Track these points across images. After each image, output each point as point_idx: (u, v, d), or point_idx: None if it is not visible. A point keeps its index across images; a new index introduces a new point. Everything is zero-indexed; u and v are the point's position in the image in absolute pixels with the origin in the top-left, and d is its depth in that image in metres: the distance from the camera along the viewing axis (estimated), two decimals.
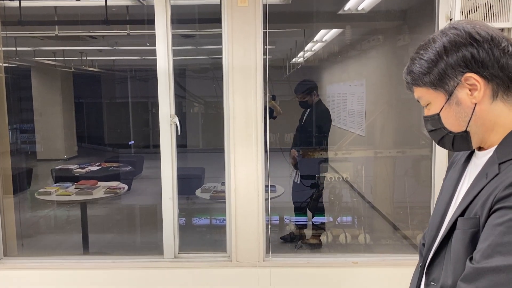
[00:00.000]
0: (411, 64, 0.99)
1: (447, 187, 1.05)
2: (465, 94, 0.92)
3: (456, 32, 0.93)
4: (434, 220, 1.04)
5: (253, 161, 2.44)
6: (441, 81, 0.93)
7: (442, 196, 1.06)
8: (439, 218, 1.02)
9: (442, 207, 1.03)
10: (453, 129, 0.96)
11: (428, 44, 0.96)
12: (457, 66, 0.91)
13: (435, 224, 1.03)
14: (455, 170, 1.07)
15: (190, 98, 7.03)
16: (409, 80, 1.00)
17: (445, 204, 1.02)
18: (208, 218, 4.67)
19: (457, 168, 1.06)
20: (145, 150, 8.31)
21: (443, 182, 1.13)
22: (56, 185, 3.82)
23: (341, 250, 3.61)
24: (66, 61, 7.04)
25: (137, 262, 2.58)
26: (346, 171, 4.05)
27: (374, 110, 4.43)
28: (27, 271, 2.56)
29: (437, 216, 1.03)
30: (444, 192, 1.06)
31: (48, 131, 7.68)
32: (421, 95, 0.99)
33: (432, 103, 0.97)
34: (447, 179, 1.10)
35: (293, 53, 5.78)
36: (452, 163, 1.13)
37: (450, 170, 1.11)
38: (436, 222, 1.03)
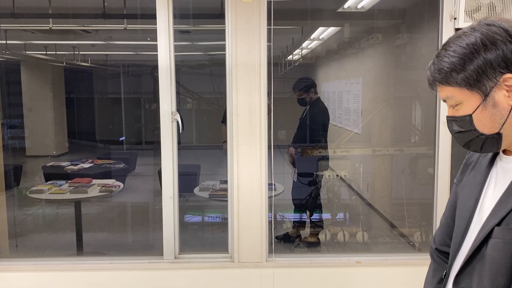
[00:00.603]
0: (439, 61, 0.92)
1: (469, 192, 1.00)
2: (502, 95, 0.87)
3: (493, 29, 0.87)
4: (459, 226, 0.99)
5: (256, 159, 2.40)
6: (477, 81, 0.87)
7: (465, 201, 1.00)
8: (464, 224, 0.97)
9: (467, 213, 0.97)
10: (485, 131, 0.90)
11: (460, 40, 0.89)
12: (497, 66, 0.85)
13: (460, 231, 0.98)
14: (476, 174, 1.01)
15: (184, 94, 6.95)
16: (437, 78, 0.92)
17: (469, 210, 0.97)
18: (207, 216, 4.62)
19: (479, 171, 1.00)
20: (137, 147, 8.21)
21: (457, 184, 1.08)
22: (49, 183, 3.72)
23: (339, 249, 3.59)
24: (57, 55, 6.90)
25: (136, 263, 2.51)
26: (343, 169, 4.04)
27: (371, 108, 4.43)
28: (20, 273, 2.48)
29: (462, 222, 0.98)
30: (467, 197, 1.00)
31: (37, 126, 7.53)
32: (452, 94, 0.92)
33: (463, 104, 0.91)
34: (466, 183, 1.04)
35: (289, 50, 5.74)
36: (467, 165, 1.07)
37: (466, 173, 1.06)
38: (461, 229, 0.98)
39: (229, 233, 2.52)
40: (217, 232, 4.14)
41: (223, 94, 2.48)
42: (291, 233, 3.75)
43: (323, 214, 3.97)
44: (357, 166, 4.01)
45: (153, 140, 7.33)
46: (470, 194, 0.99)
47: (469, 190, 1.01)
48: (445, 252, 1.10)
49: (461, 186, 1.05)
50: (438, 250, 1.12)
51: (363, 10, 3.93)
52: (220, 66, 2.55)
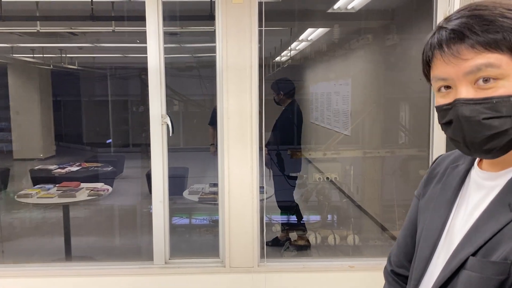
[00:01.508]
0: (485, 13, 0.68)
1: (435, 210, 0.84)
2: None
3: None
4: (423, 250, 0.84)
5: (247, 162, 2.38)
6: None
7: (430, 221, 0.84)
8: (430, 248, 0.82)
9: (432, 235, 0.82)
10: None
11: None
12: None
13: (423, 255, 0.83)
14: (444, 189, 0.85)
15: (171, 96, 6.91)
16: (482, 35, 0.67)
17: (436, 232, 0.82)
18: (194, 218, 4.59)
19: (447, 186, 0.84)
20: (125, 149, 8.13)
21: (419, 199, 0.93)
22: (37, 187, 3.66)
23: (329, 252, 3.59)
24: (44, 58, 6.80)
25: (126, 269, 2.48)
26: (333, 172, 4.05)
27: (361, 110, 4.44)
28: (7, 279, 2.43)
29: (426, 245, 0.83)
30: (433, 215, 0.84)
31: (25, 130, 7.43)
32: (498, 63, 0.67)
33: (508, 79, 0.67)
34: (430, 198, 0.88)
35: (277, 51, 5.74)
36: (431, 176, 0.91)
37: (431, 186, 0.90)
38: (425, 253, 0.83)
39: (220, 238, 2.49)
40: (205, 235, 4.11)
41: (211, 96, 2.45)
42: (280, 237, 3.74)
43: (313, 217, 3.96)
44: (348, 169, 4.02)
45: (140, 142, 7.27)
46: (436, 212, 0.84)
47: (435, 207, 0.85)
48: (401, 275, 0.96)
49: (425, 201, 0.90)
50: (394, 273, 0.98)
51: (353, 11, 3.94)
52: (208, 68, 2.53)
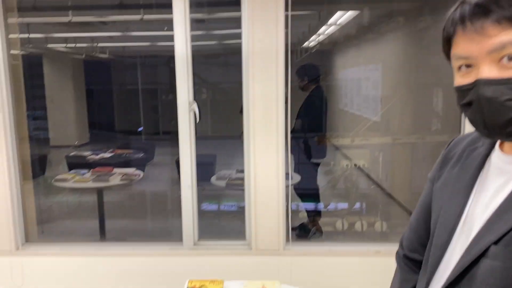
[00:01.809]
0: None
1: (453, 194, 0.81)
2: None
3: None
4: (440, 236, 0.81)
5: (273, 148, 2.40)
6: None
7: (448, 206, 0.81)
8: (447, 234, 0.79)
9: (450, 221, 0.79)
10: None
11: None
12: None
13: (440, 242, 0.80)
14: (462, 172, 0.82)
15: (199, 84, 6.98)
16: (506, 14, 0.64)
17: (453, 217, 0.79)
18: (223, 204, 4.67)
19: (465, 169, 0.81)
20: (155, 137, 8.32)
21: (433, 182, 0.89)
22: (73, 172, 3.82)
23: (357, 238, 3.58)
24: (77, 48, 7.01)
25: (156, 250, 2.57)
26: (362, 159, 4.01)
27: (391, 96, 4.35)
28: (48, 257, 2.57)
29: (444, 231, 0.80)
30: (450, 200, 0.81)
31: (60, 117, 7.70)
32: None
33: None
34: (447, 182, 0.85)
35: (306, 37, 5.67)
36: (447, 158, 0.88)
37: (446, 168, 0.87)
38: (442, 239, 0.80)
39: (246, 221, 2.54)
40: (233, 221, 4.18)
41: (238, 84, 2.47)
42: (306, 223, 3.76)
43: (340, 204, 3.95)
44: (376, 155, 3.97)
45: (169, 130, 7.41)
46: (454, 197, 0.81)
47: (452, 192, 0.82)
48: (414, 259, 0.94)
49: (440, 184, 0.87)
50: (407, 257, 0.96)
51: None
52: (235, 55, 2.55)
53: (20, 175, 2.61)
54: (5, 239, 2.53)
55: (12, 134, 2.52)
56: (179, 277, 1.96)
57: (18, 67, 2.64)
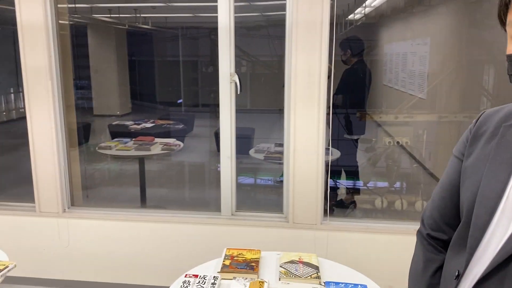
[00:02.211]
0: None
1: (491, 172, 0.77)
2: None
3: None
4: (479, 217, 0.78)
5: (314, 123, 2.36)
6: None
7: (487, 185, 0.77)
8: (487, 215, 0.76)
9: (490, 201, 0.76)
10: None
11: None
12: None
13: (480, 222, 0.77)
14: (500, 149, 0.78)
15: (239, 56, 6.94)
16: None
17: (494, 197, 0.75)
18: (259, 178, 4.70)
19: (504, 146, 0.78)
20: (195, 109, 8.42)
21: (463, 160, 0.85)
22: (116, 140, 3.95)
23: (396, 216, 3.52)
24: (120, 18, 7.11)
25: (196, 218, 2.64)
26: (405, 136, 3.89)
27: (439, 72, 4.15)
28: (92, 221, 2.71)
29: (483, 211, 0.77)
30: (489, 178, 0.77)
31: (103, 88, 7.92)
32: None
33: None
34: (480, 158, 0.81)
35: (351, 8, 5.46)
36: (478, 134, 0.85)
37: (478, 146, 0.83)
38: (482, 220, 0.77)
39: (284, 195, 2.54)
40: (269, 195, 4.21)
41: (279, 57, 2.43)
42: (345, 199, 3.73)
43: (380, 182, 3.88)
44: (420, 133, 3.84)
45: (209, 103, 7.46)
46: (493, 176, 0.77)
47: (490, 170, 0.78)
48: (438, 239, 0.93)
49: (472, 161, 0.83)
50: (430, 236, 0.94)
51: None
52: (277, 27, 2.49)
53: (67, 142, 2.73)
54: (53, 202, 2.67)
55: (60, 102, 2.62)
56: (217, 245, 2.01)
57: (66, 37, 2.71)
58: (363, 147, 3.86)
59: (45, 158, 2.62)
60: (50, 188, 2.65)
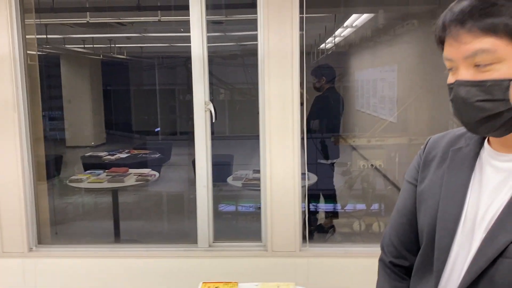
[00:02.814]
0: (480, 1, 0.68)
1: (448, 196, 0.79)
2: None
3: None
4: (442, 240, 0.79)
5: (289, 148, 2.38)
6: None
7: (444, 208, 0.79)
8: (450, 237, 0.78)
9: (451, 223, 0.78)
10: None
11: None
12: None
13: (444, 245, 0.78)
14: (452, 173, 0.81)
15: (216, 84, 7.00)
16: (478, 20, 0.67)
17: (454, 219, 0.77)
18: (240, 205, 4.66)
19: (456, 169, 0.80)
20: (172, 137, 8.37)
21: (417, 185, 0.88)
22: (88, 172, 3.86)
23: (374, 239, 3.53)
24: (95, 48, 7.10)
25: (171, 251, 2.57)
26: (378, 159, 3.96)
27: (407, 96, 4.29)
28: (61, 259, 2.58)
29: (446, 234, 0.78)
30: (446, 201, 0.80)
31: (76, 118, 7.80)
32: (494, 48, 0.67)
33: (504, 63, 0.68)
34: (434, 183, 0.83)
35: (322, 38, 5.64)
36: (428, 160, 0.87)
37: (430, 170, 0.85)
38: (445, 243, 0.78)
39: (262, 222, 2.52)
40: (250, 222, 4.17)
41: (256, 85, 2.46)
42: (324, 224, 3.73)
43: (357, 204, 3.91)
44: (393, 156, 3.92)
45: (187, 130, 7.44)
46: (450, 199, 0.79)
47: (446, 193, 0.80)
48: (401, 266, 0.92)
49: (425, 187, 0.85)
50: (393, 264, 0.93)
51: None
52: (252, 56, 2.54)
53: (34, 175, 2.63)
54: (17, 240, 2.54)
55: (27, 134, 2.55)
56: (193, 279, 1.96)
57: (35, 67, 2.67)
58: (339, 170, 3.90)
59: (9, 193, 2.50)
60: (14, 225, 2.52)
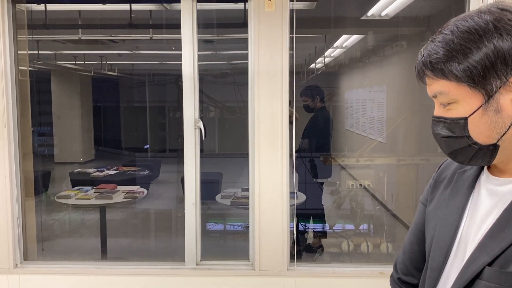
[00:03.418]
0: (435, 46, 0.73)
1: (446, 216, 0.83)
2: (509, 100, 0.70)
3: (508, 15, 0.69)
4: (435, 259, 0.83)
5: (278, 167, 2.39)
6: (483, 77, 0.69)
7: (441, 228, 0.83)
8: (442, 256, 0.81)
9: (445, 243, 0.81)
10: (480, 140, 0.73)
11: (465, 22, 0.71)
12: (510, 61, 0.68)
13: (436, 264, 0.82)
14: (454, 194, 0.84)
15: (207, 102, 7.04)
16: (430, 67, 0.74)
17: (448, 239, 0.80)
18: (228, 224, 4.63)
19: (457, 191, 0.84)
20: (162, 154, 8.34)
21: (426, 205, 0.91)
22: (76, 189, 3.82)
23: (362, 260, 3.53)
24: (86, 65, 7.11)
25: (158, 269, 2.54)
26: (367, 179, 3.98)
27: (396, 117, 4.36)
28: (47, 276, 2.54)
29: (439, 254, 0.82)
30: (443, 222, 0.83)
31: (66, 134, 7.75)
32: (446, 90, 0.73)
33: (459, 103, 0.73)
34: (439, 204, 0.87)
35: (312, 58, 5.74)
36: (438, 181, 0.91)
37: (438, 191, 0.89)
38: (438, 262, 0.82)
39: (250, 241, 2.51)
40: (239, 241, 4.14)
41: (245, 103, 2.49)
42: (312, 244, 3.71)
43: (345, 224, 3.91)
44: (381, 176, 3.95)
45: (177, 148, 7.43)
46: (447, 220, 0.82)
47: (445, 214, 0.84)
48: (408, 283, 0.96)
49: (433, 207, 0.89)
50: (401, 281, 0.97)
51: (387, 18, 3.89)
52: (242, 75, 2.58)
53: (22, 191, 2.60)
54: (3, 257, 2.50)
55: (16, 149, 2.53)
56: None
57: (26, 82, 2.67)
58: (328, 190, 3.91)
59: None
60: (0, 241, 2.49)
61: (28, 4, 2.68)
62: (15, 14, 2.49)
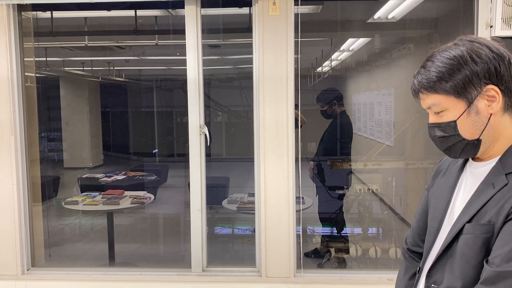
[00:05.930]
0: (427, 70, 0.99)
1: (441, 195, 1.10)
2: (484, 104, 0.97)
3: (476, 45, 0.97)
4: (432, 226, 1.09)
5: (283, 172, 2.37)
6: (464, 89, 0.96)
7: (437, 203, 1.10)
8: (437, 224, 1.07)
9: (439, 214, 1.07)
10: (467, 137, 0.99)
11: (446, 52, 0.98)
12: (482, 77, 0.95)
13: (432, 230, 1.08)
14: (447, 179, 1.10)
15: (214, 107, 7.05)
16: (425, 86, 1.00)
17: (441, 211, 1.07)
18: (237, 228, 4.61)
19: (450, 177, 1.10)
20: (169, 159, 8.35)
21: (429, 190, 1.17)
22: (83, 195, 3.83)
23: (370, 265, 3.48)
24: (93, 71, 7.17)
25: (165, 275, 2.53)
26: (375, 183, 3.94)
27: (404, 120, 4.30)
28: (54, 282, 2.55)
29: (435, 223, 1.08)
30: (439, 199, 1.10)
31: (74, 139, 7.80)
32: (438, 102, 0.99)
33: (449, 110, 0.99)
34: (438, 187, 1.13)
35: (319, 62, 5.71)
36: (438, 172, 1.17)
37: (437, 179, 1.15)
38: (433, 228, 1.07)
39: (256, 247, 2.49)
40: (246, 245, 4.11)
41: (252, 107, 2.48)
42: (320, 249, 3.67)
43: (355, 229, 3.87)
44: (389, 180, 3.90)
45: (184, 152, 7.44)
46: (441, 197, 1.09)
47: (440, 193, 1.10)
48: (416, 252, 1.19)
49: (433, 191, 1.15)
50: (410, 250, 1.21)
51: (394, 20, 3.86)
52: (248, 79, 2.57)
53: (30, 197, 2.62)
54: (10, 263, 2.51)
55: (23, 156, 2.55)
56: None
57: (32, 89, 2.69)
58: (336, 194, 3.87)
59: (3, 215, 2.49)
60: (7, 247, 2.50)
61: (34, 12, 2.71)
62: (21, 22, 2.52)
